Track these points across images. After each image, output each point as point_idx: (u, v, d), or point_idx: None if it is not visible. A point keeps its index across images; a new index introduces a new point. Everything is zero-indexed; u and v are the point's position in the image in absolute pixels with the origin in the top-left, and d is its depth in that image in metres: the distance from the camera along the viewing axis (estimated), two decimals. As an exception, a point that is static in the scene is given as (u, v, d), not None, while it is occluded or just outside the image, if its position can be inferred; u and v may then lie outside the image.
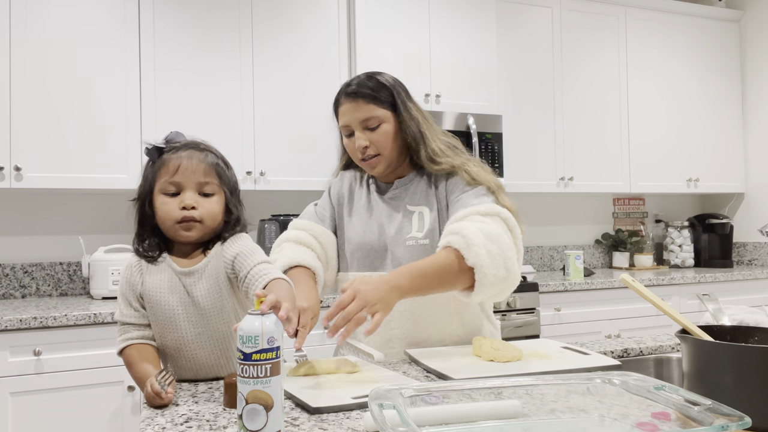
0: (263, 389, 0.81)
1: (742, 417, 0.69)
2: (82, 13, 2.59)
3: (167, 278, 1.23)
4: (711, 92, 4.01)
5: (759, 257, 3.99)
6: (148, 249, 1.25)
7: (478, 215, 1.33)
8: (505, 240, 1.30)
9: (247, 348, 0.81)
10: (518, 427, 0.85)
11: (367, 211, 1.52)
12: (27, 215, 2.83)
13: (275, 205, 3.17)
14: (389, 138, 1.43)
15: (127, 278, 1.26)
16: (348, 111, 1.44)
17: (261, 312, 0.83)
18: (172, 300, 1.22)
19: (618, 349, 1.43)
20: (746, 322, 1.27)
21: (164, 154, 1.24)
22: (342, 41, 3.01)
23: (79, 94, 2.58)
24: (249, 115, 2.84)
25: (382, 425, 0.67)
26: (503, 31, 3.41)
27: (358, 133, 1.43)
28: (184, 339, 1.23)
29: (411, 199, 1.48)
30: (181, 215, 1.20)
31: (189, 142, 1.27)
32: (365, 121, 1.42)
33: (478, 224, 1.30)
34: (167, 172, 1.22)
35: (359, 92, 1.43)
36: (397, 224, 1.46)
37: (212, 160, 1.25)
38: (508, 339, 1.72)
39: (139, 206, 1.27)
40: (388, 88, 1.45)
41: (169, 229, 1.23)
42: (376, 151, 1.43)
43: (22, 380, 2.18)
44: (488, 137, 3.18)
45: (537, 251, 3.88)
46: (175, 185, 1.21)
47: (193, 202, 1.21)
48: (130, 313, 1.24)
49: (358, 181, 1.58)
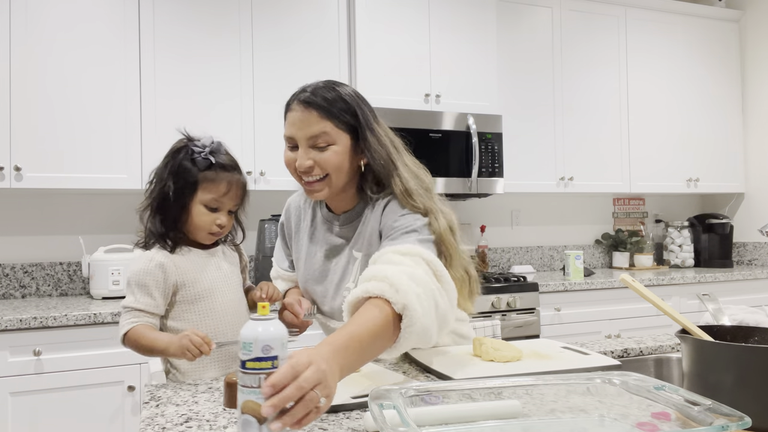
0: (257, 400, 0.76)
1: (742, 417, 0.69)
2: (82, 13, 2.59)
3: (196, 259, 1.38)
4: (711, 92, 4.01)
5: (759, 257, 3.99)
6: (174, 242, 1.36)
7: (394, 254, 1.13)
8: (430, 285, 1.08)
9: (243, 355, 0.78)
10: (518, 427, 0.85)
11: (309, 250, 1.41)
12: (27, 215, 2.83)
13: (275, 205, 3.17)
14: (338, 162, 1.23)
15: (152, 270, 1.31)
16: (296, 122, 1.23)
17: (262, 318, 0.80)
18: (208, 276, 1.37)
19: (618, 349, 1.43)
20: (746, 322, 1.27)
21: (215, 169, 1.34)
22: (342, 41, 3.01)
23: (79, 94, 2.58)
24: (249, 115, 2.84)
25: (382, 425, 0.67)
26: (503, 31, 3.41)
27: (302, 150, 1.23)
28: (225, 308, 1.38)
29: (356, 243, 1.32)
30: (215, 230, 1.37)
31: (233, 161, 1.39)
32: (314, 138, 1.22)
33: (398, 267, 1.08)
34: (217, 191, 1.34)
35: (314, 102, 1.22)
36: (341, 271, 1.35)
37: (245, 182, 1.41)
38: (508, 339, 1.72)
39: (174, 204, 1.34)
40: (350, 107, 1.24)
41: (196, 233, 1.37)
42: (322, 174, 1.24)
43: (22, 380, 2.18)
44: (488, 137, 3.18)
45: (537, 251, 3.88)
46: (218, 203, 1.35)
47: (226, 222, 1.38)
48: (146, 301, 1.30)
49: (303, 210, 1.45)
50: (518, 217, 3.84)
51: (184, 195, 1.32)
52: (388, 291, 1.03)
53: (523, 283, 3.02)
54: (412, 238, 1.18)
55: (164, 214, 1.34)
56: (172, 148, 1.37)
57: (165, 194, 1.33)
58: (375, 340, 0.99)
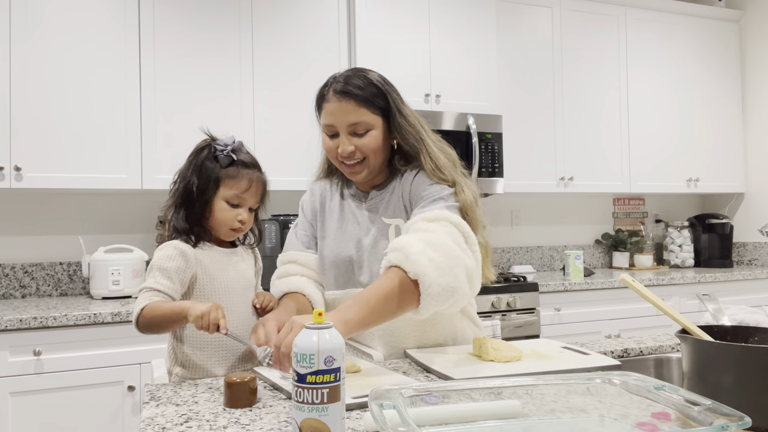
0: (319, 418, 0.71)
1: (742, 417, 0.69)
2: (83, 13, 2.59)
3: (216, 256, 1.40)
4: (711, 92, 4.01)
5: (759, 257, 3.99)
6: (198, 237, 1.38)
7: (422, 221, 1.24)
8: (451, 247, 1.19)
9: (301, 368, 0.72)
10: (518, 427, 0.85)
11: (341, 224, 1.44)
12: (27, 215, 2.83)
13: (275, 205, 3.17)
14: (377, 145, 1.34)
15: (174, 256, 1.33)
16: (335, 111, 1.32)
17: (319, 326, 0.75)
18: (227, 275, 1.40)
19: (618, 349, 1.43)
20: (746, 322, 1.27)
21: (237, 166, 1.37)
22: (342, 41, 3.01)
23: (79, 94, 2.58)
24: (249, 116, 2.84)
25: (382, 425, 0.67)
26: (503, 31, 3.41)
27: (344, 137, 1.33)
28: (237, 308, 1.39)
29: (386, 211, 1.40)
30: (236, 225, 1.39)
31: (251, 159, 1.42)
32: (353, 126, 1.32)
33: (419, 234, 1.21)
34: (238, 187, 1.37)
35: (350, 92, 1.31)
36: (373, 238, 1.39)
37: (266, 181, 1.45)
38: (508, 339, 1.72)
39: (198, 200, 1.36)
40: (382, 92, 1.34)
41: (218, 228, 1.39)
42: (362, 157, 1.34)
43: (22, 380, 2.18)
44: (488, 137, 3.18)
45: (537, 251, 3.88)
46: (239, 199, 1.38)
47: (247, 218, 1.40)
48: (166, 283, 1.31)
49: (329, 192, 1.50)
50: (518, 217, 3.84)
51: (208, 191, 1.36)
52: (402, 260, 1.16)
53: (523, 283, 3.02)
54: (440, 204, 1.28)
55: (189, 209, 1.37)
56: (195, 147, 1.41)
57: (189, 190, 1.36)
58: (382, 297, 1.14)
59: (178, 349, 1.36)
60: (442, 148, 1.39)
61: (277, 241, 2.81)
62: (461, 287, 1.19)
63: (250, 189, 1.39)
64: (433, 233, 1.20)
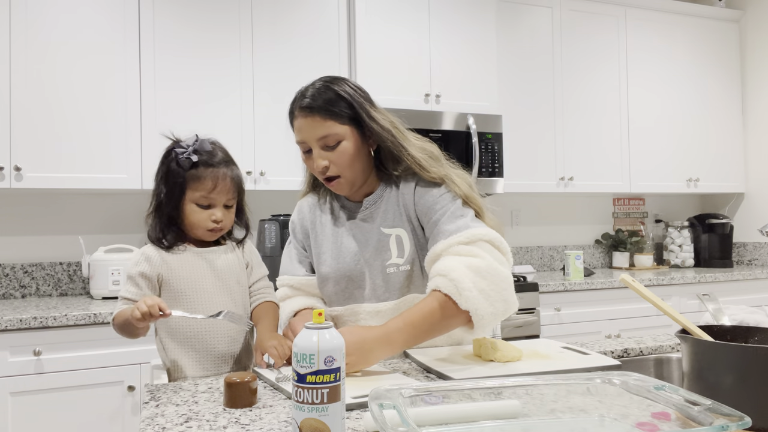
0: (319, 418, 0.71)
1: (742, 417, 0.69)
2: (83, 13, 2.59)
3: (188, 257, 1.40)
4: (711, 92, 4.01)
5: (759, 257, 3.99)
6: (172, 242, 1.39)
7: (460, 245, 1.24)
8: (498, 270, 1.21)
9: (301, 368, 0.72)
10: (518, 427, 0.85)
11: (335, 238, 1.41)
12: (27, 215, 2.83)
13: (275, 205, 3.17)
14: (350, 156, 1.31)
15: (139, 261, 1.37)
16: (303, 127, 1.31)
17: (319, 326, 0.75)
18: (197, 274, 1.39)
19: (618, 349, 1.43)
20: (746, 322, 1.27)
21: (199, 167, 1.36)
22: (342, 41, 3.01)
23: (79, 93, 2.58)
24: (249, 116, 2.84)
25: (382, 425, 0.67)
26: (503, 31, 3.40)
27: (316, 151, 1.31)
28: (209, 307, 1.37)
29: (384, 220, 1.37)
30: (211, 226, 1.38)
31: (218, 156, 1.40)
32: (323, 139, 1.30)
33: (464, 259, 1.21)
34: (204, 188, 1.36)
35: (313, 107, 1.29)
36: (373, 249, 1.36)
37: (236, 175, 1.42)
38: (508, 339, 1.72)
39: (167, 206, 1.38)
40: (346, 101, 1.30)
41: (194, 230, 1.40)
42: (337, 172, 1.32)
43: (22, 380, 2.18)
44: (488, 137, 3.18)
45: (537, 251, 3.88)
46: (208, 200, 1.37)
47: (223, 216, 1.39)
48: (132, 290, 1.36)
49: (318, 207, 1.47)
50: (518, 217, 3.84)
51: (174, 197, 1.37)
52: (454, 293, 1.18)
53: (523, 283, 3.02)
54: (463, 222, 1.28)
55: (160, 217, 1.39)
56: (163, 152, 1.42)
57: (159, 198, 1.39)
58: (427, 322, 1.19)
59: (162, 353, 1.41)
60: (422, 146, 1.37)
61: (277, 241, 2.81)
62: (510, 307, 1.23)
63: (217, 188, 1.37)
64: (477, 258, 1.21)
